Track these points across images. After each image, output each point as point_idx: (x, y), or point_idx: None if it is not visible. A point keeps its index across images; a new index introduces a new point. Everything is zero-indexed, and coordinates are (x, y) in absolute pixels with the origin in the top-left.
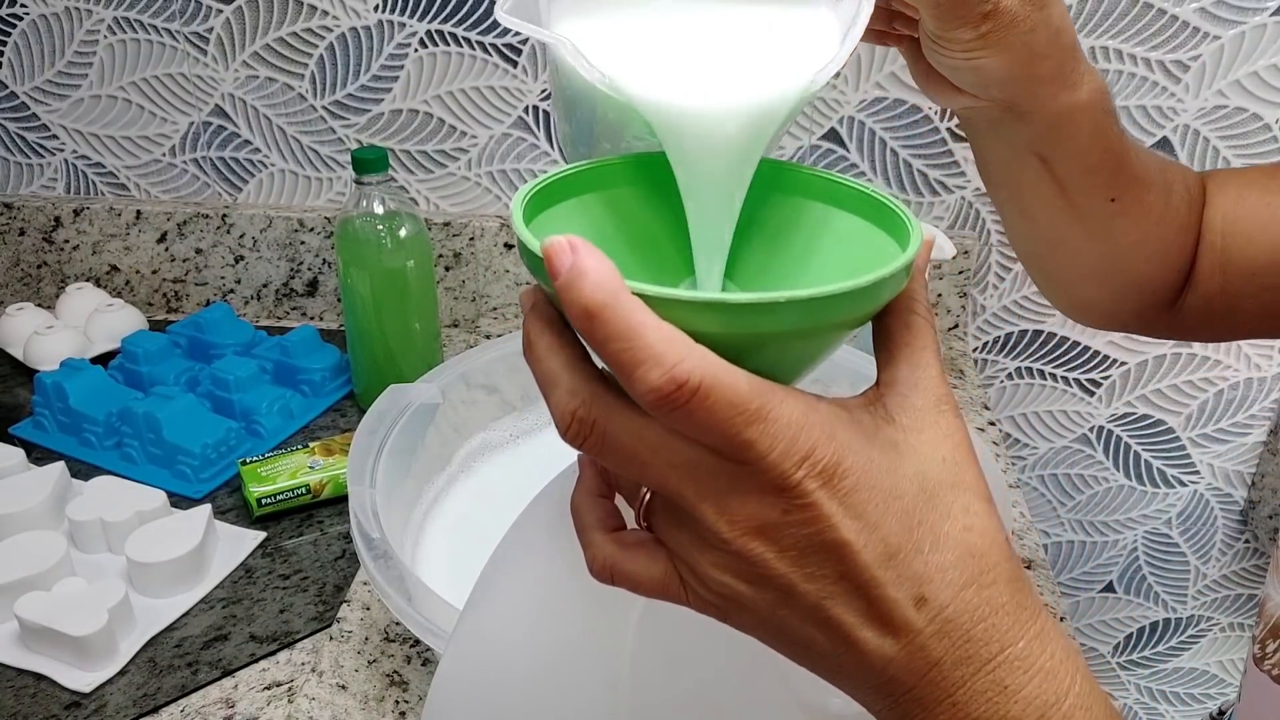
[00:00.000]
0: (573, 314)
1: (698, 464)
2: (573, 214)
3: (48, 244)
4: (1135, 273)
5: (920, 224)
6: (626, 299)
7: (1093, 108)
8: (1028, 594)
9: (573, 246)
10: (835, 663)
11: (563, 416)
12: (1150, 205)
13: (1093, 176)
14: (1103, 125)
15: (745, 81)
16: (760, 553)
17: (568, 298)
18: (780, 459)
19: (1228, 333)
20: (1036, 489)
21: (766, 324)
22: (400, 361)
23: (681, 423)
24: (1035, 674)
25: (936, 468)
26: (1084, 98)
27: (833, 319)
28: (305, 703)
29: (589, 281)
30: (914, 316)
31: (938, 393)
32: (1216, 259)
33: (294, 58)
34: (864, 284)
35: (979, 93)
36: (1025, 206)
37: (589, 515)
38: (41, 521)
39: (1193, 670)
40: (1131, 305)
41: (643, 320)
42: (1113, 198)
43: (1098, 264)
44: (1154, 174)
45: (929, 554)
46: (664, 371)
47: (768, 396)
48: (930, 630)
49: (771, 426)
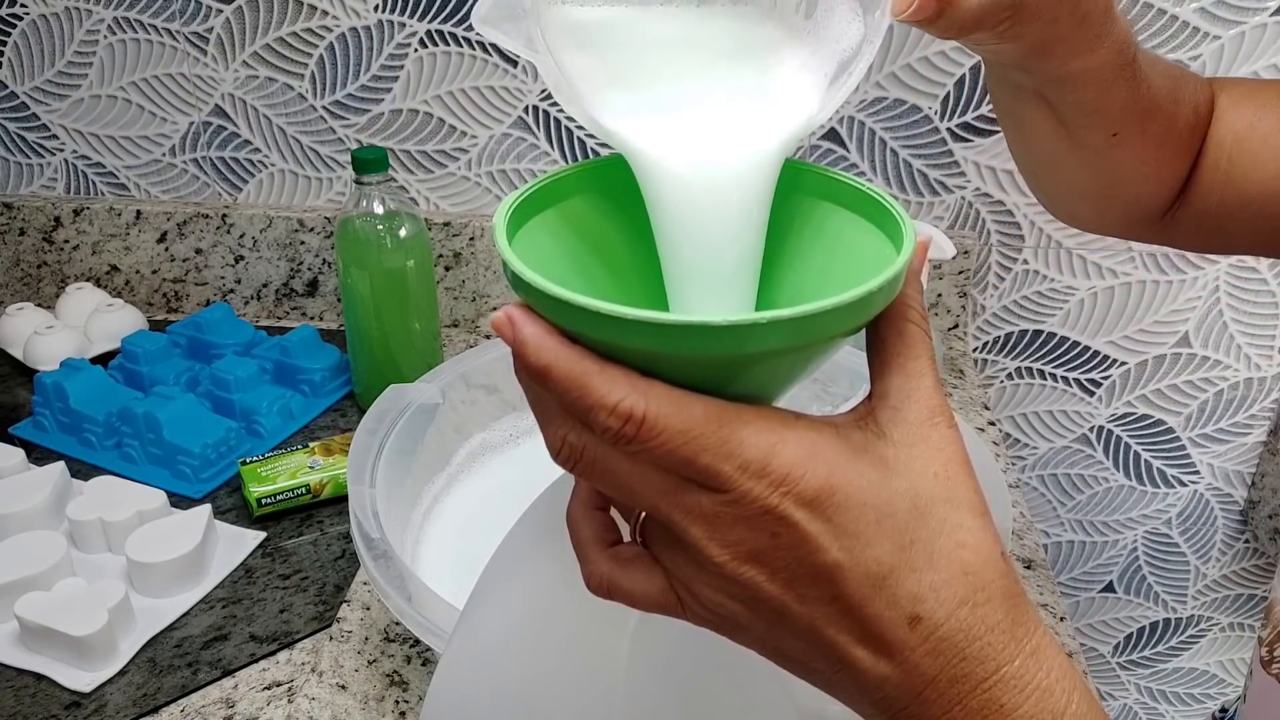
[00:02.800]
0: (528, 378)
1: (683, 491)
2: (557, 222)
3: (48, 244)
4: (1129, 193)
5: (915, 225)
6: (566, 354)
7: (1107, 65)
8: (1023, 610)
9: (510, 320)
10: (832, 680)
11: (554, 443)
12: (1152, 133)
13: (1096, 117)
14: (1115, 78)
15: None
16: (751, 577)
17: (519, 365)
18: (753, 484)
19: (1218, 247)
20: (1036, 489)
21: (750, 345)
22: (400, 361)
23: (643, 456)
24: (1031, 692)
25: (929, 483)
26: (1098, 60)
27: (820, 335)
28: (305, 703)
29: (529, 349)
30: (908, 324)
31: (931, 404)
32: (1218, 178)
33: (294, 58)
34: (851, 299)
35: (989, 56)
36: (1025, 133)
37: (585, 529)
38: (41, 521)
39: (1193, 670)
40: (1122, 217)
41: (585, 368)
42: (1115, 132)
43: (1092, 186)
44: (1162, 99)
45: (922, 573)
46: (609, 409)
47: (724, 421)
48: (924, 649)
49: (735, 450)
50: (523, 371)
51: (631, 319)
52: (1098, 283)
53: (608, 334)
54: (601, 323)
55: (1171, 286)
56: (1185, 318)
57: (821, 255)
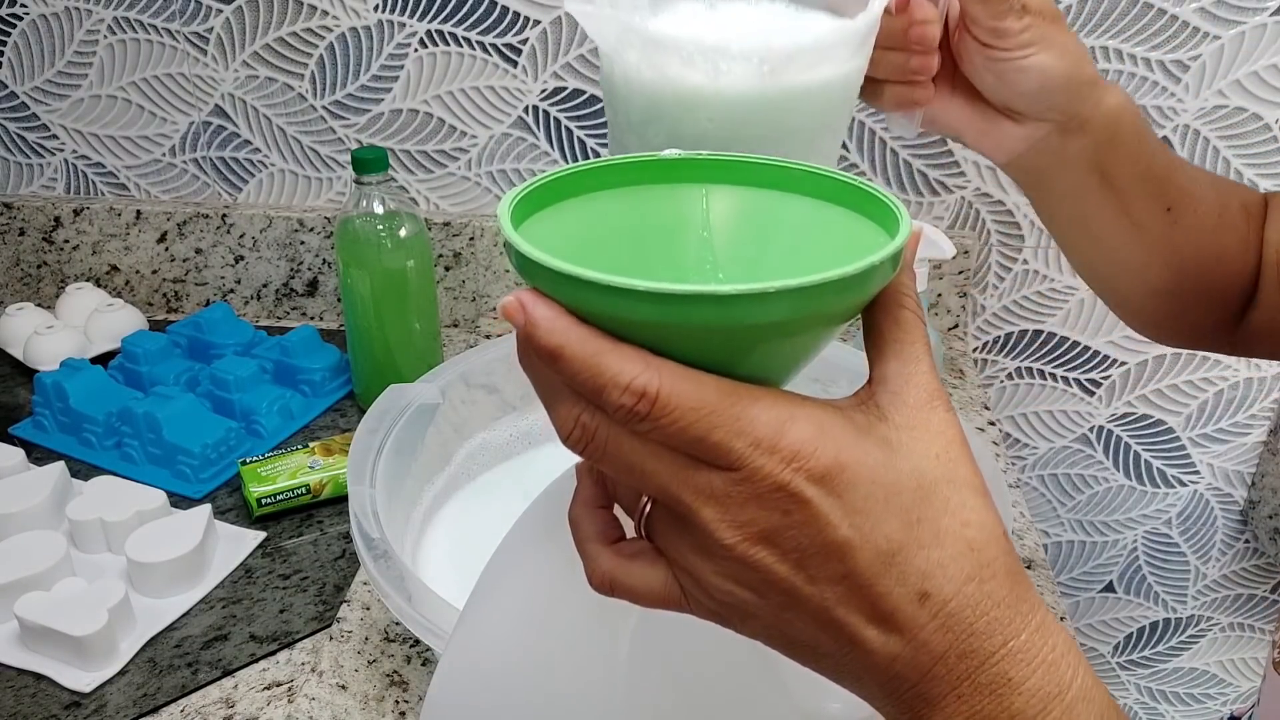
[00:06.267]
0: (541, 360)
1: (694, 471)
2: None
3: (48, 244)
4: (1196, 285)
5: (909, 216)
6: (578, 334)
7: (1129, 108)
8: (1027, 587)
9: (521, 303)
10: (840, 663)
11: (564, 425)
12: (1204, 216)
13: (1147, 184)
14: (1142, 127)
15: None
16: (762, 558)
17: (533, 348)
18: (765, 461)
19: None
20: (1036, 489)
21: (756, 315)
22: (400, 361)
23: (655, 434)
24: (1038, 666)
25: (931, 464)
26: (1120, 99)
27: (822, 308)
28: (305, 703)
29: (541, 330)
30: (903, 311)
31: (929, 388)
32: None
33: (294, 58)
34: (852, 272)
35: (1041, 103)
36: (1091, 230)
37: (587, 527)
38: (41, 521)
39: (1193, 670)
40: (1195, 319)
41: (598, 347)
42: (1168, 207)
43: (1160, 277)
44: (1204, 187)
45: (930, 550)
46: (622, 387)
47: (737, 398)
48: (934, 626)
49: (746, 427)
50: (534, 354)
51: (642, 290)
52: None
53: (617, 308)
54: (610, 296)
55: None
56: None
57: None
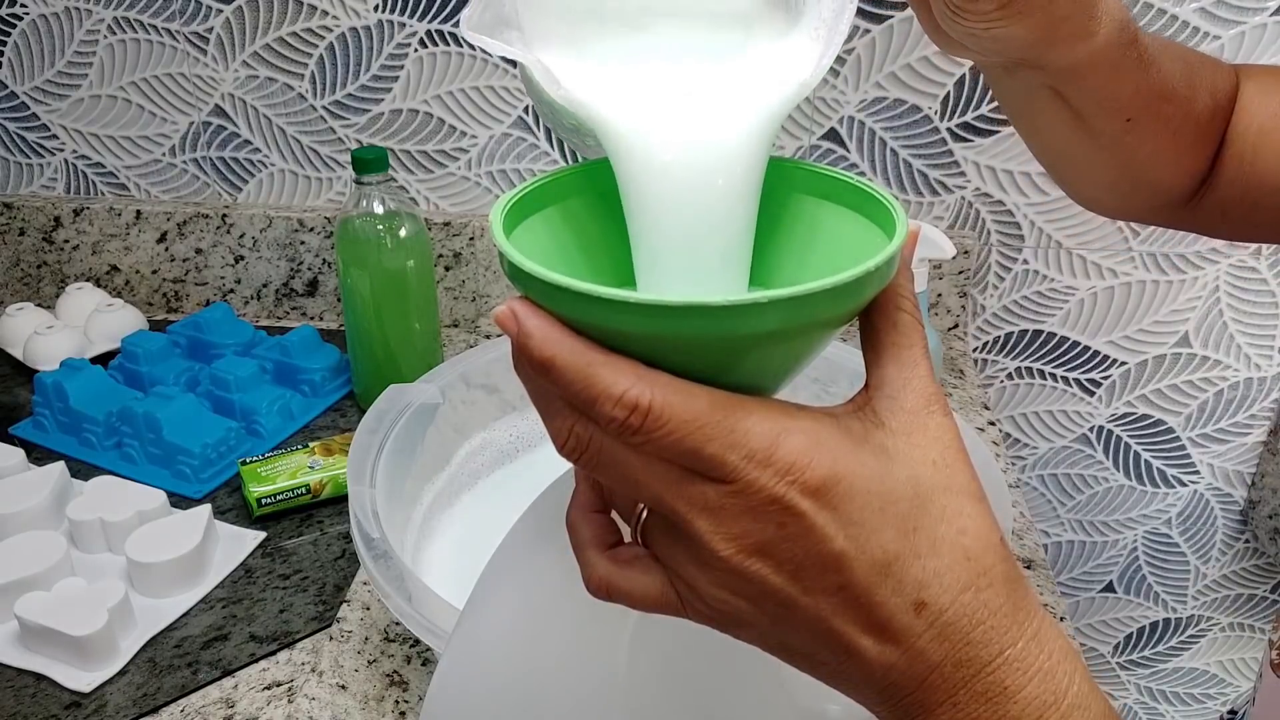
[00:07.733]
0: (533, 371)
1: (688, 483)
2: (553, 222)
3: (48, 244)
4: (1148, 179)
5: (906, 216)
6: (570, 345)
7: (1111, 47)
8: (1024, 594)
9: (514, 313)
10: (837, 671)
11: (559, 436)
12: (1169, 116)
13: (1109, 103)
14: (1121, 60)
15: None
16: (757, 569)
17: (523, 359)
18: (759, 474)
19: (1244, 235)
20: (1036, 489)
21: (748, 326)
22: (400, 361)
23: (648, 447)
24: (1034, 675)
25: (928, 471)
26: (1101, 42)
27: (816, 317)
28: (305, 703)
29: (534, 342)
30: (900, 314)
31: (927, 393)
32: (1242, 168)
33: (294, 58)
34: (847, 279)
35: (993, 57)
36: (1040, 131)
37: (584, 531)
38: (41, 521)
39: (1193, 670)
40: (1144, 204)
41: (590, 359)
42: (1129, 118)
43: (1111, 175)
44: (1176, 83)
45: (926, 559)
46: (614, 399)
47: (730, 411)
48: (930, 635)
49: (740, 440)
50: (527, 365)
51: (632, 302)
52: (1098, 283)
53: (608, 319)
54: (601, 308)
55: (1171, 286)
56: (1185, 318)
57: (813, 249)
